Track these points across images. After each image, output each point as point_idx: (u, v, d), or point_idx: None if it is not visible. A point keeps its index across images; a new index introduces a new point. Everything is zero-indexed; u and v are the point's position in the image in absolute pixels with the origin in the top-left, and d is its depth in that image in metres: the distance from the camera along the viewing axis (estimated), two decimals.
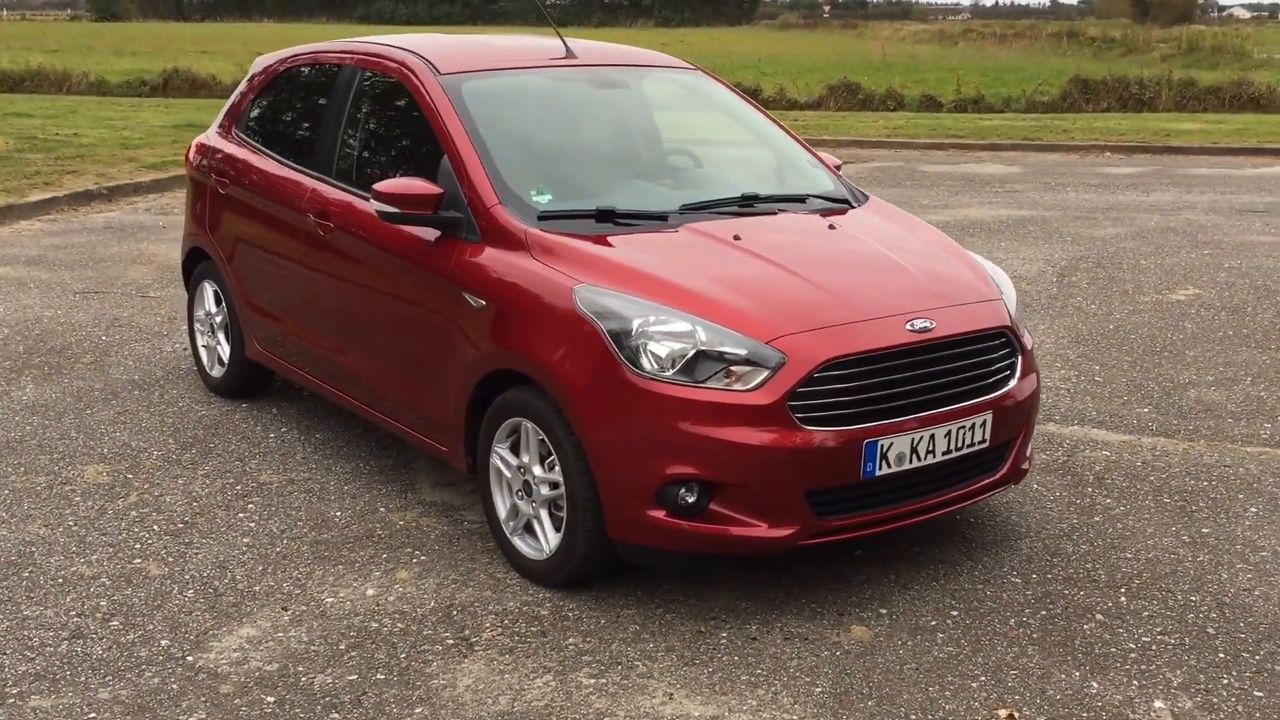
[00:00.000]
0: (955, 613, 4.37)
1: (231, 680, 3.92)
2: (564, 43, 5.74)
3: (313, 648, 4.13)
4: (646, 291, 4.32)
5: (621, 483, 4.21)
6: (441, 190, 4.81)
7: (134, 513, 5.19)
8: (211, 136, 6.73)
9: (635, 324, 4.21)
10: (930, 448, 4.36)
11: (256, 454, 5.88)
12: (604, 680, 3.94)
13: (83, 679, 3.92)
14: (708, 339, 4.16)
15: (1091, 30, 48.09)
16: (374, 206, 4.88)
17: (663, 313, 4.22)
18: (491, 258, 4.67)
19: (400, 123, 5.53)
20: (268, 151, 6.19)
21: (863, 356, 4.23)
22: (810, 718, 3.73)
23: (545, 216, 4.72)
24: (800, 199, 5.25)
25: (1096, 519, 5.13)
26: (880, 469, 4.26)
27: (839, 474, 4.22)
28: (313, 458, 5.84)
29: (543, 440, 4.47)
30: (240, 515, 5.18)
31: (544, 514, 4.53)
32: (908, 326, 4.35)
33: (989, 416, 4.51)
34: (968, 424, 4.44)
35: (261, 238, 6.08)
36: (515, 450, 4.64)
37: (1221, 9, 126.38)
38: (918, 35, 65.67)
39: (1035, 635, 4.20)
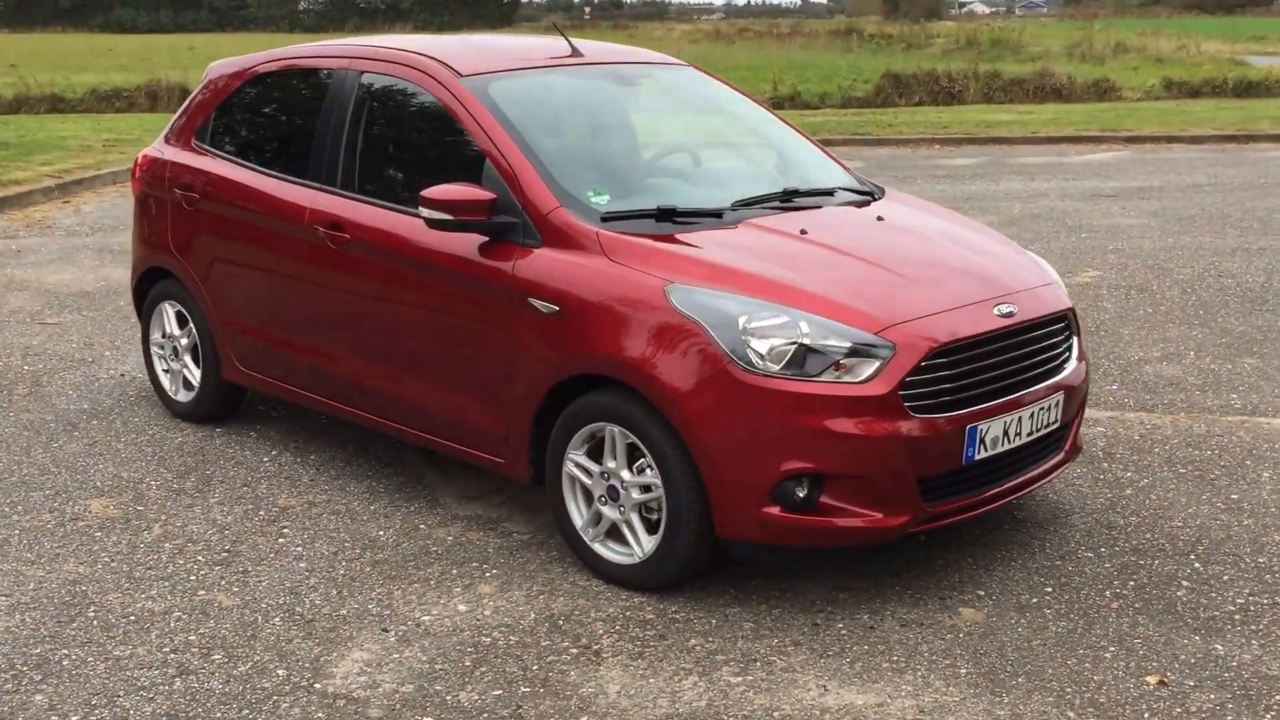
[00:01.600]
0: (1049, 589, 4.55)
1: (375, 704, 3.82)
2: (568, 41, 5.75)
3: (437, 666, 4.05)
4: (742, 288, 4.37)
5: (734, 481, 4.25)
6: (495, 195, 4.75)
7: (168, 545, 4.97)
8: (164, 149, 6.45)
9: (740, 321, 4.25)
10: (1018, 430, 4.54)
11: (261, 479, 5.69)
12: (750, 678, 3.98)
13: (218, 715, 3.76)
14: (814, 333, 4.24)
15: (870, 28, 49.84)
16: (423, 214, 4.79)
17: (766, 308, 4.28)
18: (560, 262, 4.64)
19: (421, 128, 5.43)
20: (246, 163, 5.97)
21: (963, 343, 4.38)
22: (970, 699, 3.85)
23: (608, 218, 4.73)
24: (829, 192, 5.38)
25: (1128, 492, 5.40)
26: (979, 453, 4.42)
27: (945, 460, 4.35)
28: (320, 479, 5.68)
29: (631, 444, 4.48)
30: (281, 540, 5.02)
31: (635, 518, 4.54)
32: (994, 312, 4.52)
33: (1061, 397, 4.72)
34: (1045, 405, 4.64)
35: (246, 253, 5.87)
36: (593, 456, 4.62)
37: (962, 4, 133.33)
38: (692, 35, 66.62)
39: (1137, 605, 4.42)
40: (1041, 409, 4.62)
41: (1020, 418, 4.53)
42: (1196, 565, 4.72)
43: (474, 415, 4.98)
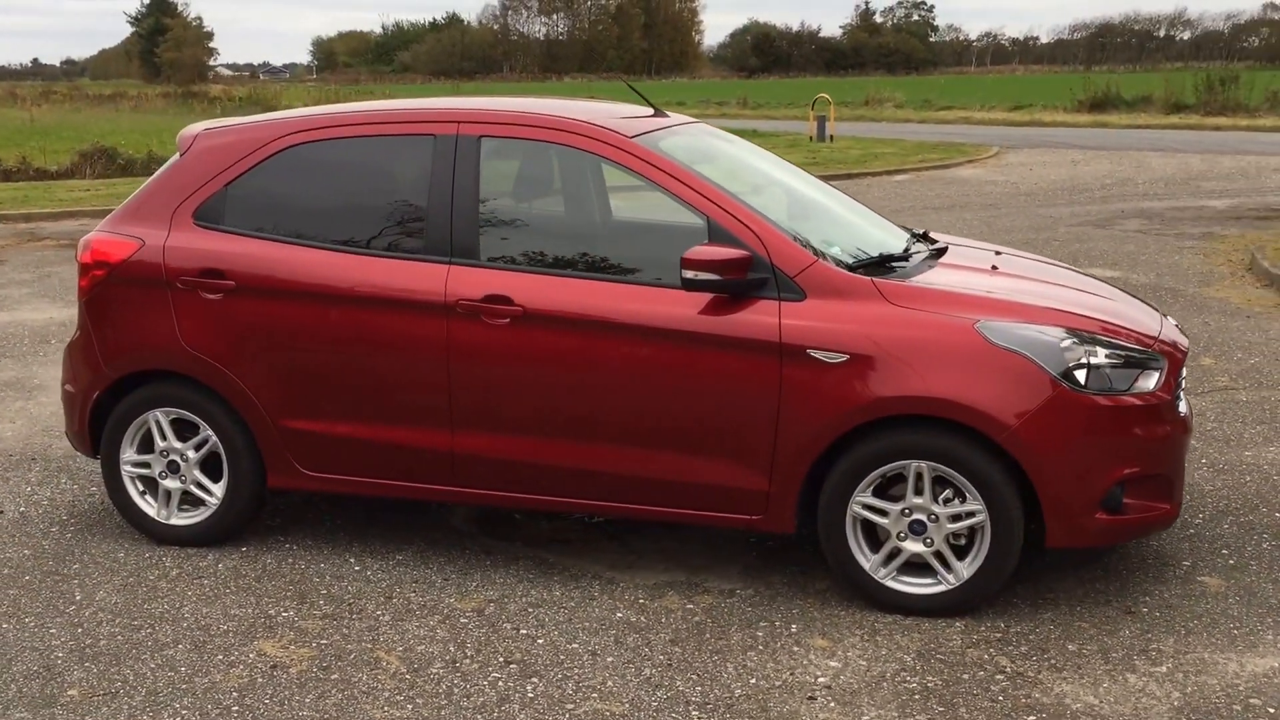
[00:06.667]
0: (1225, 552, 5.12)
1: None
2: (650, 104, 5.54)
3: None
4: (1037, 319, 4.54)
5: (1072, 495, 4.43)
6: (750, 253, 4.57)
7: (434, 670, 4.23)
8: (144, 233, 5.21)
9: (1060, 346, 4.45)
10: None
11: (392, 587, 4.89)
12: (1167, 667, 4.19)
13: None
14: (1116, 352, 4.53)
15: (214, 91, 48.32)
16: (685, 275, 4.51)
17: (1072, 335, 4.51)
18: (840, 312, 4.54)
19: (593, 192, 4.99)
20: (308, 243, 5.06)
21: (1186, 351, 4.88)
22: None
23: (854, 267, 4.71)
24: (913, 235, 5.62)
25: None
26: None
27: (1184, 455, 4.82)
28: (452, 576, 5.01)
29: (936, 476, 4.51)
30: (540, 641, 4.44)
31: (945, 548, 4.56)
32: (1171, 324, 5.06)
33: None
34: None
35: (332, 343, 4.99)
36: (880, 494, 4.58)
37: (210, 69, 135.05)
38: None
39: None
40: None
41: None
42: (1277, 515, 5.51)
43: (719, 475, 4.69)
